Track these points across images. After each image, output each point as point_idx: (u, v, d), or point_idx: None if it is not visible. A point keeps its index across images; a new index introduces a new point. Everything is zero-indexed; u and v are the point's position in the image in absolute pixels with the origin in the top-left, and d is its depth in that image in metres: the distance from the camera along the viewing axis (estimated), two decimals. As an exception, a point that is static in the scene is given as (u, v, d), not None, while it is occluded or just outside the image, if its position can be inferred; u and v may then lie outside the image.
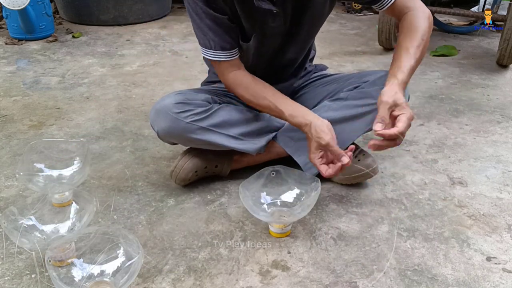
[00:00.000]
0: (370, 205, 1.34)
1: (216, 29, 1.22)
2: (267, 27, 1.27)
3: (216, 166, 1.42)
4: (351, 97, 1.34)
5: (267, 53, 1.36)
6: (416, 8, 1.25)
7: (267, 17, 1.24)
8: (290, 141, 1.40)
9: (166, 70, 2.44)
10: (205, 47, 1.26)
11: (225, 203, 1.35)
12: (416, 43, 1.20)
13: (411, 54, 1.18)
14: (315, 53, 1.60)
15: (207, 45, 1.26)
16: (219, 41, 1.24)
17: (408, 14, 1.25)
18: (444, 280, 1.07)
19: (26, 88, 2.19)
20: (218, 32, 1.23)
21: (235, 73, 1.29)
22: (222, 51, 1.25)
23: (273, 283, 1.06)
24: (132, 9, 3.25)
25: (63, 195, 1.24)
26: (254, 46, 1.31)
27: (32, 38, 2.87)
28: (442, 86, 2.26)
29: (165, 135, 1.31)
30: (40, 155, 1.34)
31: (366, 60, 2.60)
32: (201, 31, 1.24)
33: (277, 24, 1.27)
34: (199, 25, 1.23)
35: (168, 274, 1.09)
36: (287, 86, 1.51)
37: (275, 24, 1.26)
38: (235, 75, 1.29)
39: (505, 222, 1.28)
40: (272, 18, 1.25)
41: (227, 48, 1.25)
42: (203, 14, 1.21)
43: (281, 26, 1.28)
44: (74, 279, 0.99)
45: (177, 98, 1.29)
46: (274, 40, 1.32)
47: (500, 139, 1.74)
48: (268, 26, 1.27)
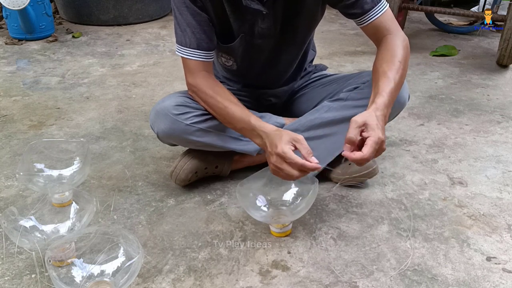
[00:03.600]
0: (370, 205, 1.34)
1: (196, 26, 1.22)
2: (256, 28, 1.27)
3: (216, 166, 1.42)
4: (351, 97, 1.34)
5: (260, 56, 1.36)
6: (394, 32, 1.23)
7: (257, 18, 1.25)
8: (290, 141, 1.40)
9: (166, 70, 2.44)
10: (181, 44, 1.25)
11: (225, 203, 1.35)
12: (395, 67, 1.17)
13: (390, 78, 1.14)
14: (315, 54, 1.60)
15: (183, 42, 1.24)
16: (197, 40, 1.23)
17: (386, 38, 1.23)
18: (444, 280, 1.07)
19: (26, 88, 2.19)
20: (196, 30, 1.22)
21: (205, 75, 1.26)
22: (198, 50, 1.23)
23: (273, 283, 1.06)
24: (132, 9, 3.25)
25: (63, 195, 1.24)
26: (242, 47, 1.31)
27: (32, 38, 2.87)
28: (442, 86, 2.26)
29: (165, 136, 1.31)
30: (40, 155, 1.34)
31: (366, 60, 2.60)
32: (180, 27, 1.24)
33: (266, 25, 1.27)
34: (179, 21, 1.23)
35: (168, 274, 1.09)
36: (287, 89, 1.51)
37: (265, 25, 1.27)
38: (204, 76, 1.26)
39: (505, 222, 1.28)
40: (262, 19, 1.25)
41: (203, 48, 1.24)
42: (186, 10, 1.21)
43: (271, 28, 1.28)
44: (74, 279, 0.99)
45: (177, 100, 1.29)
46: (265, 42, 1.32)
47: (500, 139, 1.74)
48: (258, 27, 1.27)
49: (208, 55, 1.26)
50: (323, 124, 1.34)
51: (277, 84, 1.49)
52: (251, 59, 1.37)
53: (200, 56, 1.24)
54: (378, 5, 1.23)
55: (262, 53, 1.36)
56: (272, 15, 1.25)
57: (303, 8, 1.27)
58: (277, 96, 1.53)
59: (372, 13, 1.23)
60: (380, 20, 1.23)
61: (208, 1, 1.21)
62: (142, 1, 3.26)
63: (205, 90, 1.24)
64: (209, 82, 1.25)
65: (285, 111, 1.55)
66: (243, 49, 1.32)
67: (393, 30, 1.24)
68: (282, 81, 1.49)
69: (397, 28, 1.25)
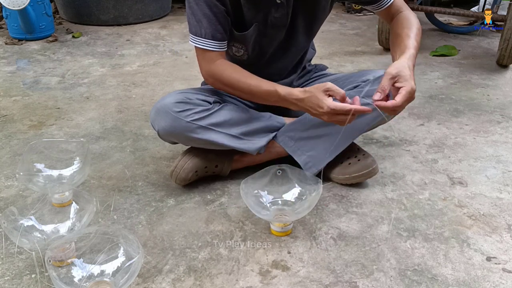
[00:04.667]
0: (370, 205, 1.34)
1: (211, 17, 1.23)
2: (270, 17, 1.29)
3: (217, 166, 1.42)
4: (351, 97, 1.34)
5: (271, 45, 1.38)
6: (407, 11, 1.37)
7: (271, 7, 1.27)
8: (290, 140, 1.41)
9: (166, 70, 2.44)
10: (195, 35, 1.26)
11: (225, 203, 1.35)
12: (416, 31, 1.29)
13: (413, 39, 1.25)
14: (315, 53, 1.60)
15: (198, 32, 1.26)
16: (212, 30, 1.24)
17: (401, 13, 1.36)
18: (444, 280, 1.07)
19: (26, 88, 2.19)
20: (212, 21, 1.24)
21: (222, 61, 1.30)
22: (213, 40, 1.26)
23: (273, 283, 1.06)
24: (132, 9, 3.25)
25: (63, 195, 1.24)
26: (255, 36, 1.33)
27: (32, 38, 2.87)
28: (442, 86, 2.26)
29: (165, 134, 1.31)
30: (40, 155, 1.34)
31: (366, 60, 2.60)
32: (195, 18, 1.25)
33: (279, 14, 1.29)
34: (195, 12, 1.24)
35: (168, 274, 1.09)
36: (288, 82, 1.51)
37: (278, 14, 1.29)
38: (221, 62, 1.29)
39: (505, 222, 1.28)
40: (275, 9, 1.28)
41: (218, 38, 1.26)
42: (203, 1, 1.22)
43: (283, 18, 1.31)
44: (74, 279, 0.99)
45: (177, 97, 1.29)
46: (276, 32, 1.34)
47: (500, 139, 1.74)
48: (271, 16, 1.29)
49: (223, 45, 1.29)
50: (323, 123, 1.33)
51: (281, 75, 1.49)
52: (262, 48, 1.39)
53: (216, 46, 1.27)
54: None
55: (273, 42, 1.38)
56: (285, 5, 1.28)
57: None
58: None
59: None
60: (394, 5, 1.37)
61: None
62: (142, 1, 3.26)
63: (226, 75, 1.28)
64: (228, 66, 1.29)
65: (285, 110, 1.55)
66: (255, 38, 1.34)
67: (405, 8, 1.38)
68: (286, 73, 1.49)
69: (409, 9, 1.38)
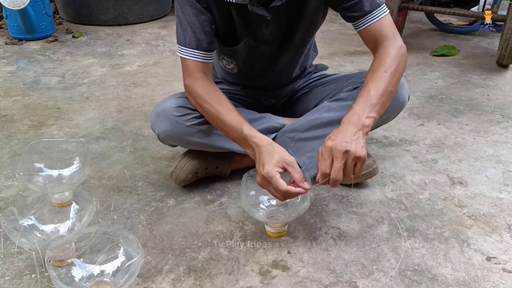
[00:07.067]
0: (370, 205, 1.34)
1: (197, 26, 1.20)
2: (260, 32, 1.27)
3: (217, 167, 1.42)
4: (350, 97, 1.34)
5: (261, 59, 1.37)
6: (389, 40, 1.20)
7: (261, 23, 1.25)
8: (290, 141, 1.40)
9: (166, 70, 2.44)
10: (181, 44, 1.24)
11: (225, 203, 1.35)
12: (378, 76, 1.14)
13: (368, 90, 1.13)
14: (317, 54, 1.60)
15: (182, 42, 1.23)
16: (196, 40, 1.21)
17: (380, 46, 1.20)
18: (444, 280, 1.07)
19: (26, 88, 2.19)
20: (198, 30, 1.21)
21: (202, 77, 1.23)
22: (197, 50, 1.22)
23: (273, 283, 1.06)
24: (132, 9, 3.25)
25: (63, 195, 1.24)
26: (245, 50, 1.31)
27: (32, 38, 2.87)
28: (442, 86, 2.26)
29: (165, 138, 1.31)
30: (40, 155, 1.34)
31: (366, 60, 2.60)
32: (182, 27, 1.23)
33: (270, 30, 1.27)
34: (181, 21, 1.22)
35: (168, 274, 1.09)
36: (287, 90, 1.52)
37: (268, 31, 1.27)
38: (201, 77, 1.23)
39: (505, 222, 1.28)
40: (266, 25, 1.25)
41: (202, 48, 1.22)
42: (189, 8, 1.20)
43: (274, 33, 1.28)
44: (74, 279, 0.99)
45: (177, 101, 1.29)
46: (267, 46, 1.32)
47: (500, 139, 1.74)
48: (262, 32, 1.27)
49: (208, 56, 1.24)
50: (323, 124, 1.34)
51: (277, 85, 1.49)
52: (252, 62, 1.37)
53: (199, 56, 1.23)
54: (377, 9, 1.21)
55: (263, 56, 1.36)
56: (276, 21, 1.25)
57: (305, 14, 1.27)
58: (276, 97, 1.53)
59: (370, 17, 1.21)
60: (377, 25, 1.21)
61: (214, 4, 1.21)
62: (142, 1, 3.26)
63: (201, 94, 1.22)
64: (205, 86, 1.23)
65: (285, 111, 1.55)
66: (246, 52, 1.33)
67: (389, 37, 1.20)
68: (282, 83, 1.49)
69: (394, 36, 1.21)
